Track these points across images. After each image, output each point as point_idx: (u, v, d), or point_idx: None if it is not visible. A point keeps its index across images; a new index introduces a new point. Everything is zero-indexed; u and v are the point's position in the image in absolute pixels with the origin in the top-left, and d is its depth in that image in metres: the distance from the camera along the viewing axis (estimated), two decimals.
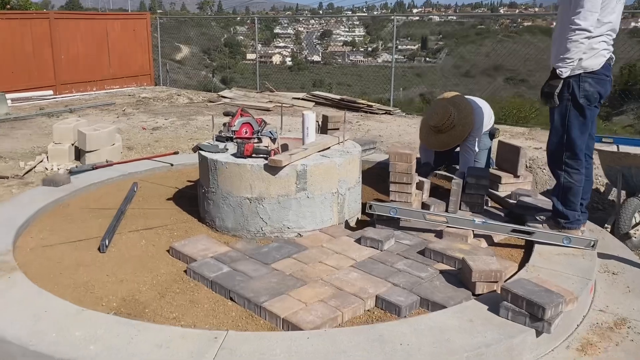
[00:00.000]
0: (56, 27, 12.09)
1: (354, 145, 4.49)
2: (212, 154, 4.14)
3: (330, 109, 11.02)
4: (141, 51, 14.01)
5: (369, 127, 9.25)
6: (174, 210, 4.61)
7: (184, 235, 4.09)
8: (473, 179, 4.35)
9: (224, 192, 4.00)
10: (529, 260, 3.58)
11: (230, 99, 11.81)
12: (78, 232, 4.12)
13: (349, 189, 4.15)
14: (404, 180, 4.11)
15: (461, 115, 4.74)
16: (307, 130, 4.36)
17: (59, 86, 12.23)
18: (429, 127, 4.91)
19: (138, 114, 10.56)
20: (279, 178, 3.85)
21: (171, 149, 7.85)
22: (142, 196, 4.99)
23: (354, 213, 4.30)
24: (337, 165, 4.00)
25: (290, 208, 3.91)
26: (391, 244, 3.71)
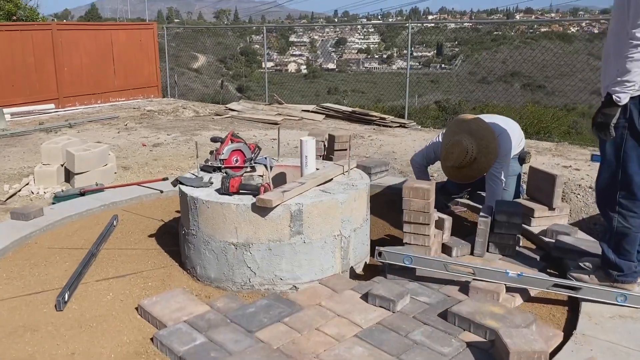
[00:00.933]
0: (59, 38, 11.56)
1: (361, 175, 3.79)
2: (193, 189, 3.47)
3: (342, 121, 10.32)
4: (148, 62, 13.45)
5: (382, 141, 8.52)
6: (154, 251, 3.95)
7: (159, 285, 3.42)
8: (504, 217, 3.62)
9: (206, 235, 3.33)
10: (575, 324, 2.85)
11: (238, 111, 11.17)
12: (38, 281, 3.48)
13: (354, 230, 3.45)
14: (420, 219, 3.40)
15: (481, 145, 4.02)
16: (305, 159, 3.67)
17: (61, 99, 11.70)
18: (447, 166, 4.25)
19: (140, 128, 9.96)
20: (270, 220, 3.16)
21: (170, 168, 7.22)
22: (122, 231, 4.34)
23: (360, 257, 3.60)
24: (340, 203, 3.31)
25: (283, 256, 3.22)
26: (405, 302, 2.99)
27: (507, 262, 3.58)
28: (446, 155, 4.17)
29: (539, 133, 12.12)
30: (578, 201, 5.44)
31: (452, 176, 4.31)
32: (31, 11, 15.10)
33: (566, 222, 4.24)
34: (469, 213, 4.66)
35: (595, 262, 3.31)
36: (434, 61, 50.22)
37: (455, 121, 4.38)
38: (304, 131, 9.48)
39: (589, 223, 5.05)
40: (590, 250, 3.52)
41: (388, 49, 64.93)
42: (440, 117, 17.82)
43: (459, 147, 4.05)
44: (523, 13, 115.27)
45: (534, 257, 3.69)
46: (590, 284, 3.07)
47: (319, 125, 10.09)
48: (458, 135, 4.14)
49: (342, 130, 9.38)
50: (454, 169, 4.19)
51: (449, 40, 53.02)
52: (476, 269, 3.11)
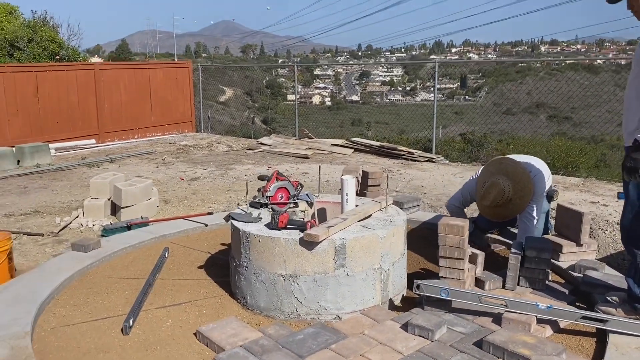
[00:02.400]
0: (100, 77, 12.23)
1: (398, 212, 4.08)
2: (245, 224, 3.80)
3: (370, 155, 10.66)
4: (183, 99, 14.06)
5: (411, 176, 8.82)
6: (205, 282, 4.27)
7: (213, 313, 3.73)
8: (534, 252, 3.86)
9: (256, 267, 3.64)
10: (603, 355, 3.06)
11: (270, 146, 11.61)
12: (102, 308, 3.82)
13: (393, 264, 3.73)
14: (455, 255, 3.66)
15: (518, 187, 4.29)
16: (346, 196, 3.98)
17: (101, 135, 12.31)
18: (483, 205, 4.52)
19: (177, 163, 10.44)
20: (316, 253, 3.47)
21: (208, 202, 7.60)
22: (173, 263, 4.68)
23: (399, 290, 3.86)
24: (380, 238, 3.60)
25: (327, 287, 3.51)
26: (443, 332, 3.24)
27: (537, 296, 3.80)
28: (484, 195, 4.43)
29: (567, 167, 12.25)
30: (606, 237, 5.63)
31: (487, 214, 4.55)
32: (73, 51, 15.95)
33: (594, 257, 4.44)
34: (502, 250, 4.89)
35: (621, 297, 3.52)
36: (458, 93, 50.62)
37: (491, 162, 4.64)
38: (334, 165, 9.84)
39: (617, 258, 5.23)
40: (617, 285, 3.73)
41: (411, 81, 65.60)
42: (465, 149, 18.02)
43: (496, 188, 4.31)
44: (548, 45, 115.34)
45: (563, 291, 3.90)
46: (617, 316, 3.28)
47: (347, 159, 10.44)
48: (495, 176, 4.41)
49: (373, 164, 9.71)
50: (489, 208, 4.45)
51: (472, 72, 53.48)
52: (508, 301, 3.35)
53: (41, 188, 8.48)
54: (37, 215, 7.05)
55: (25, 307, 3.64)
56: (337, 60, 58.00)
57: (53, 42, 15.35)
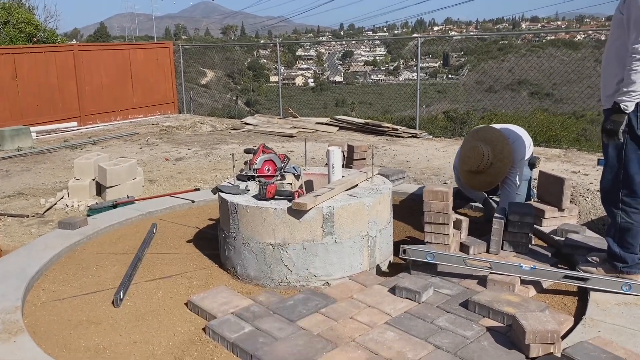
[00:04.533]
0: (80, 59, 12.06)
1: (384, 181, 4.14)
2: (233, 196, 3.84)
3: (355, 133, 10.70)
4: (164, 80, 13.92)
5: (395, 152, 8.88)
6: (194, 255, 4.31)
7: (203, 284, 3.77)
8: (516, 217, 3.95)
9: (245, 237, 3.68)
10: (585, 311, 3.17)
11: (254, 125, 11.58)
12: (92, 282, 3.84)
13: (379, 231, 3.80)
14: (440, 220, 3.73)
15: (496, 150, 4.35)
16: (332, 167, 4.03)
17: (83, 117, 12.17)
18: (465, 171, 4.56)
19: (161, 143, 10.38)
20: (304, 222, 3.52)
21: (194, 180, 7.60)
22: (162, 238, 4.71)
23: (385, 256, 3.94)
24: (367, 206, 3.65)
25: (316, 254, 3.56)
26: (429, 294, 3.32)
27: (520, 259, 3.90)
28: (464, 160, 4.48)
29: (548, 141, 12.41)
30: (587, 204, 5.75)
31: (473, 185, 4.60)
32: (51, 33, 15.66)
33: (575, 222, 4.55)
34: (481, 214, 4.98)
35: (602, 256, 3.63)
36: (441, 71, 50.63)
37: (470, 132, 4.70)
38: (320, 143, 9.86)
39: (597, 224, 5.36)
40: (598, 246, 3.84)
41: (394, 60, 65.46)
42: (448, 127, 18.11)
43: (475, 151, 4.37)
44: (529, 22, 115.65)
45: (545, 254, 4.01)
46: (597, 275, 3.39)
47: (332, 137, 10.46)
48: (474, 142, 4.47)
49: (358, 141, 9.76)
50: (472, 176, 4.50)
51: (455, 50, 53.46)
52: (493, 263, 3.44)
53: (24, 171, 8.40)
54: (21, 197, 7.00)
55: (14, 284, 3.65)
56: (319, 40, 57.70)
57: (29, 24, 15.05)
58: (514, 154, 4.38)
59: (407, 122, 15.99)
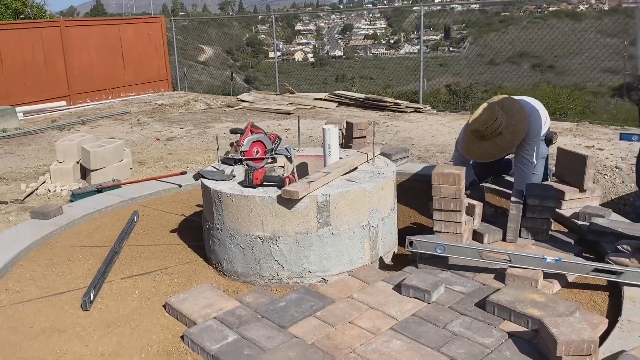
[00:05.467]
0: (67, 35, 11.50)
1: (387, 163, 3.68)
2: (216, 182, 3.39)
3: (355, 109, 10.19)
4: (157, 56, 13.36)
5: (398, 128, 8.40)
6: (178, 247, 3.87)
7: (185, 282, 3.35)
8: (536, 200, 3.50)
9: (231, 229, 3.24)
10: (619, 310, 2.74)
11: (250, 102, 11.08)
12: (62, 281, 3.42)
13: (382, 220, 3.35)
14: (451, 206, 3.29)
15: (511, 121, 3.86)
16: (328, 147, 3.57)
17: (73, 96, 11.66)
18: (470, 131, 4.03)
19: (153, 123, 9.90)
20: (296, 212, 3.07)
21: (185, 162, 7.15)
22: (143, 227, 4.27)
23: (389, 247, 3.50)
24: (367, 192, 3.21)
25: (311, 248, 3.13)
26: (440, 292, 2.90)
27: (541, 247, 3.47)
28: (475, 117, 3.92)
29: (554, 114, 11.93)
30: (606, 182, 5.30)
31: (469, 150, 4.05)
32: (38, 9, 15.04)
33: (598, 204, 4.11)
34: (496, 198, 4.53)
35: (633, 245, 3.20)
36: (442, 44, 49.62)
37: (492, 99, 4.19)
38: (318, 120, 9.38)
39: (618, 204, 4.91)
40: (627, 232, 3.40)
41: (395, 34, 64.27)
42: (451, 100, 17.56)
43: (489, 111, 3.84)
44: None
45: (568, 241, 3.57)
46: (631, 267, 2.95)
47: (332, 113, 9.97)
48: (492, 104, 3.96)
49: (358, 117, 9.26)
50: (473, 142, 3.98)
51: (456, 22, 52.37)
52: (512, 255, 3.00)
53: (7, 154, 7.95)
54: (1, 182, 6.56)
55: None
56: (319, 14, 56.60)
57: (16, 0, 14.44)
58: (529, 129, 3.89)
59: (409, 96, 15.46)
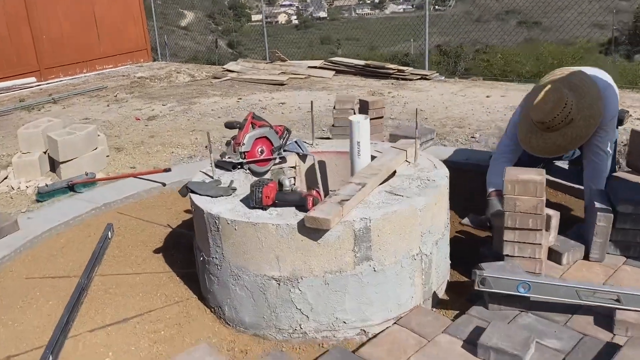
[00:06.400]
0: (33, 4, 10.27)
1: (433, 163, 2.78)
2: (210, 201, 2.48)
3: (354, 77, 9.21)
4: (133, 23, 12.14)
5: (406, 98, 7.46)
6: (163, 277, 2.98)
7: (175, 334, 2.48)
8: (629, 207, 2.65)
9: (235, 266, 2.36)
10: None
11: (238, 72, 10.02)
12: (11, 337, 2.53)
13: (436, 244, 2.49)
14: (529, 224, 2.42)
15: (582, 105, 2.96)
16: (357, 146, 2.66)
17: (43, 71, 10.50)
18: (530, 122, 3.13)
19: (132, 99, 8.85)
20: (325, 244, 2.19)
21: (169, 145, 6.19)
22: (120, 246, 3.37)
23: (443, 277, 2.65)
24: (419, 211, 2.32)
25: (346, 291, 2.26)
26: (531, 353, 2.06)
27: (637, 268, 2.63)
28: (538, 104, 3.03)
29: None
30: None
31: (534, 146, 3.15)
32: None
33: None
34: (551, 192, 3.68)
35: None
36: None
37: (552, 73, 3.28)
38: (315, 91, 8.40)
39: None
40: None
41: None
42: (442, 61, 16.52)
43: (557, 94, 2.95)
44: None
45: None
46: None
47: (329, 83, 8.98)
48: (556, 85, 3.05)
49: (359, 88, 8.29)
50: (535, 134, 3.10)
51: None
52: (623, 294, 2.16)
53: None
54: None
55: None
56: None
57: None
58: (604, 111, 3.00)
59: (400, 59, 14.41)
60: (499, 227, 2.70)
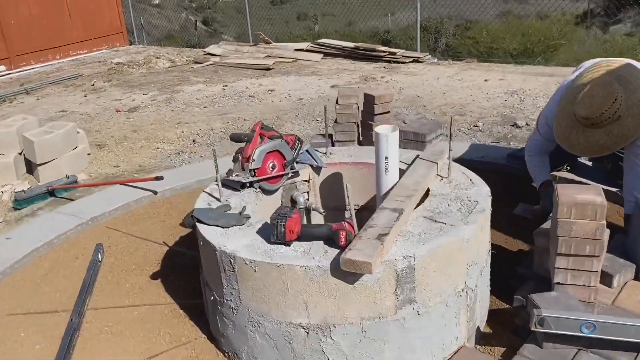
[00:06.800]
0: None
1: (469, 178, 2.46)
2: (221, 233, 2.12)
3: (343, 60, 8.80)
4: (108, 5, 11.48)
5: (401, 84, 7.11)
6: (165, 309, 2.63)
7: None
8: None
9: (254, 311, 2.02)
10: None
11: (220, 56, 9.53)
12: None
13: (481, 273, 2.18)
14: (586, 251, 2.12)
15: (632, 101, 2.65)
16: (385, 162, 2.32)
17: (13, 59, 9.86)
18: (572, 116, 2.82)
19: (110, 88, 8.33)
20: (363, 288, 1.87)
21: (154, 140, 5.78)
22: (112, 271, 3.00)
23: (485, 308, 2.35)
24: (466, 241, 2.01)
25: (385, 339, 1.95)
26: None
27: None
28: (584, 98, 2.71)
29: (546, 52, 10.84)
30: None
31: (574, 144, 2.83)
32: None
33: None
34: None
35: None
36: None
37: (593, 65, 2.93)
38: (304, 76, 7.99)
39: None
40: None
41: None
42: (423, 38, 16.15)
43: (607, 89, 2.65)
44: None
45: None
46: None
47: (318, 67, 8.58)
48: (605, 77, 2.73)
49: (350, 73, 7.89)
50: (576, 130, 2.77)
51: None
52: None
53: None
54: None
55: None
56: None
57: None
58: None
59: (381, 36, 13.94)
60: (541, 248, 2.42)
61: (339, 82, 7.46)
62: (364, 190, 2.75)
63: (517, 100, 6.08)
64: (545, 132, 3.03)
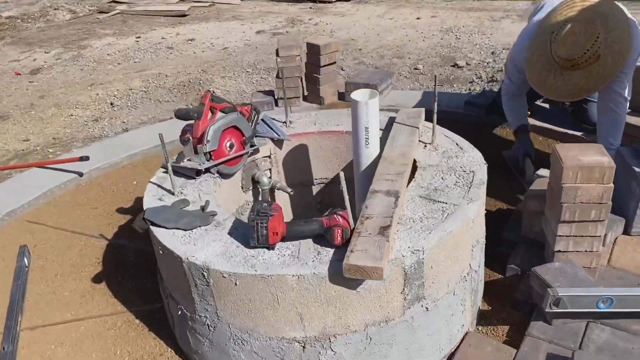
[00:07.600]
0: None
1: (455, 143, 2.18)
2: (186, 238, 1.73)
3: (265, 2, 8.18)
4: None
5: (331, 25, 6.67)
6: (117, 321, 2.23)
7: None
8: None
9: (237, 328, 1.69)
10: None
11: (128, 3, 8.58)
12: None
13: (481, 250, 1.96)
14: (591, 216, 1.94)
15: (612, 38, 2.44)
16: (366, 133, 1.99)
17: None
18: (549, 57, 2.56)
19: (5, 47, 7.28)
20: (367, 292, 1.58)
21: (66, 107, 5.09)
22: (44, 276, 2.53)
23: (482, 283, 2.14)
24: (472, 221, 1.75)
25: (392, 342, 1.69)
26: None
27: None
28: (566, 38, 2.47)
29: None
30: None
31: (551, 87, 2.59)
32: None
33: None
34: (539, 139, 3.25)
35: None
36: None
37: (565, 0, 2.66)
38: (224, 21, 7.34)
39: None
40: None
41: None
42: None
43: (589, 26, 2.42)
44: None
45: None
46: None
47: (238, 10, 7.92)
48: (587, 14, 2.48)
49: (275, 15, 7.32)
50: (553, 73, 2.54)
51: None
52: None
53: None
54: None
55: None
56: None
57: None
58: (631, 49, 2.49)
59: None
60: (532, 211, 2.23)
61: (265, 26, 6.91)
62: (334, 162, 2.43)
63: (453, 38, 5.86)
64: (517, 78, 2.81)
